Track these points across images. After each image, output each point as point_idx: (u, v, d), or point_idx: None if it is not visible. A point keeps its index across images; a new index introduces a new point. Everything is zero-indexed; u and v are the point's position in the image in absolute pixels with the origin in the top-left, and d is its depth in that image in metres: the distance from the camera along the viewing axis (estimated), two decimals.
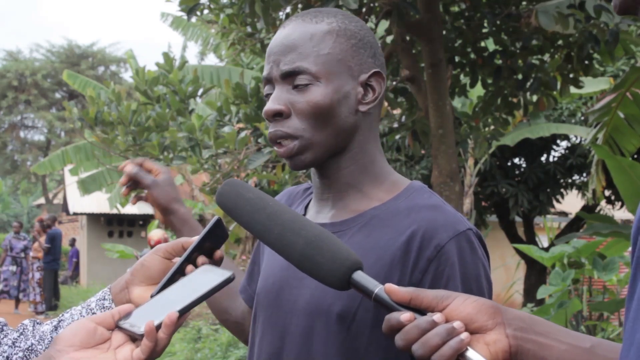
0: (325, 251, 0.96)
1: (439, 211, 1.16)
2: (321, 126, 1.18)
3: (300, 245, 0.97)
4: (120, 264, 16.18)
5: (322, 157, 1.21)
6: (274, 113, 1.18)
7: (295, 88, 1.18)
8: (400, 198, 1.20)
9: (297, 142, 1.19)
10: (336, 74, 1.18)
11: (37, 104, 31.12)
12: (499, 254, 12.94)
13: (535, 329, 0.91)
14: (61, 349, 0.92)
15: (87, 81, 12.35)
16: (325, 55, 1.18)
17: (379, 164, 1.24)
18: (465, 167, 9.47)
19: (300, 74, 1.18)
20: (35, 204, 30.20)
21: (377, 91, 1.21)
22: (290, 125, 1.19)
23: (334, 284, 0.96)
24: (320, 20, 1.21)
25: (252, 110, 5.34)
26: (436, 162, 4.60)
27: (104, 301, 1.16)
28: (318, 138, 1.19)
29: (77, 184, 13.94)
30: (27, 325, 1.15)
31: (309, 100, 1.17)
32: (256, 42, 4.74)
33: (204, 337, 7.86)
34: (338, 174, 1.22)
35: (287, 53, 1.18)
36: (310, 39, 1.19)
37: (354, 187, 1.22)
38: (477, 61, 5.11)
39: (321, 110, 1.17)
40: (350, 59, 1.20)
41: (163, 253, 1.13)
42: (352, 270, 0.95)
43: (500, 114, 5.46)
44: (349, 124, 1.20)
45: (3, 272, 13.41)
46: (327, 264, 0.95)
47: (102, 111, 6.22)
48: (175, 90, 5.96)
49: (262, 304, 1.27)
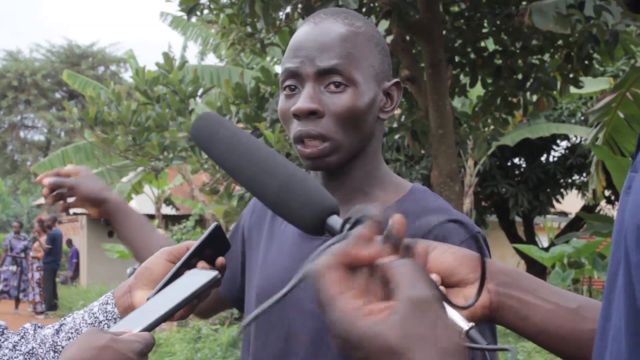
0: (298, 195, 0.90)
1: (449, 214, 1.17)
2: (351, 130, 1.17)
3: (273, 189, 0.91)
4: (120, 264, 16.18)
5: (345, 161, 1.20)
6: (309, 111, 1.15)
7: (326, 87, 1.16)
8: (407, 200, 1.21)
9: (328, 143, 1.16)
10: (368, 80, 1.18)
11: (37, 104, 31.13)
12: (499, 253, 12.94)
13: (520, 284, 0.85)
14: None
15: (87, 81, 12.36)
16: (360, 60, 1.17)
17: (383, 168, 1.25)
18: (465, 167, 9.47)
19: (337, 74, 1.15)
20: (35, 204, 30.16)
21: (396, 100, 1.22)
22: (323, 125, 1.16)
23: (308, 230, 0.90)
24: (351, 23, 1.19)
25: (252, 110, 5.35)
26: (436, 162, 4.60)
27: (106, 305, 1.15)
28: (347, 142, 1.17)
29: None
30: (28, 328, 1.15)
31: (345, 103, 1.15)
32: (256, 42, 4.74)
33: (203, 337, 7.86)
34: (347, 177, 1.22)
35: (323, 51, 1.16)
36: (345, 40, 1.17)
37: (361, 190, 1.23)
38: (477, 61, 5.11)
39: (356, 114, 1.16)
40: (378, 65, 1.20)
41: (167, 256, 1.13)
42: (326, 214, 0.89)
43: (500, 114, 5.45)
44: (370, 130, 1.21)
45: (3, 272, 13.41)
46: (299, 209, 0.89)
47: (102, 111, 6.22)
48: (175, 90, 5.97)
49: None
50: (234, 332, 7.34)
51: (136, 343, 0.93)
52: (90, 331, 0.94)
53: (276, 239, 1.29)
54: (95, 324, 1.13)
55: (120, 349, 0.91)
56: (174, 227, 16.64)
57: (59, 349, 1.11)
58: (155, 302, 1.03)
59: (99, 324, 1.13)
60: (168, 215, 18.74)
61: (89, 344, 0.91)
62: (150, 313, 1.00)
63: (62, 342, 1.11)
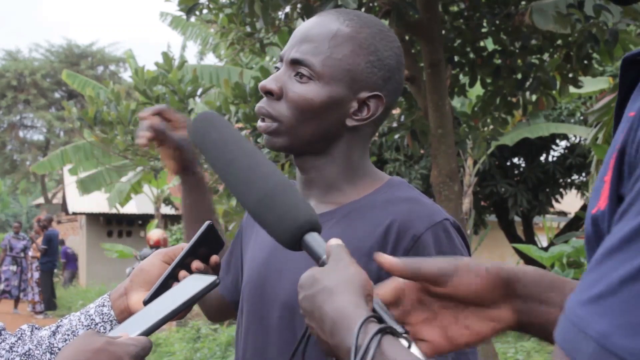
0: (276, 209, 0.91)
1: (416, 203, 1.18)
2: (303, 120, 1.20)
3: (252, 200, 0.92)
4: (119, 264, 16.17)
5: (296, 148, 1.23)
6: (266, 90, 1.21)
7: (296, 76, 1.20)
8: (379, 192, 1.22)
9: (275, 124, 1.21)
10: (338, 80, 1.19)
11: (37, 104, 31.11)
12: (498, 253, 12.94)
13: (549, 296, 0.81)
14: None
15: (87, 81, 12.35)
16: (335, 59, 1.19)
17: (363, 168, 1.26)
18: (464, 167, 9.47)
19: (305, 66, 1.19)
20: (35, 204, 30.18)
21: (372, 112, 1.22)
22: (276, 107, 1.21)
23: (285, 245, 0.92)
24: (352, 25, 1.21)
25: (251, 110, 5.34)
26: (435, 162, 4.60)
27: (103, 307, 1.16)
28: (296, 130, 1.21)
29: (77, 183, 13.94)
30: (25, 330, 1.15)
31: (302, 93, 1.19)
32: (255, 42, 4.73)
33: (203, 337, 7.86)
34: (318, 173, 1.25)
35: (304, 42, 1.20)
36: (331, 38, 1.20)
37: (334, 186, 1.24)
38: (477, 61, 5.10)
39: (309, 107, 1.19)
40: (358, 72, 1.20)
41: (163, 257, 1.13)
42: (303, 230, 0.90)
43: (500, 113, 5.45)
44: (331, 131, 1.22)
45: (4, 272, 13.41)
46: (276, 223, 0.91)
47: (102, 111, 6.22)
48: (175, 90, 5.97)
49: (247, 298, 1.28)
50: (233, 332, 7.34)
51: (132, 346, 0.92)
52: (86, 334, 0.94)
53: (261, 234, 1.29)
54: (91, 326, 1.13)
55: (116, 352, 0.91)
56: (173, 227, 16.65)
57: (55, 350, 1.11)
58: (153, 307, 1.04)
59: (95, 326, 1.13)
60: (167, 215, 18.72)
61: (84, 347, 0.91)
62: (148, 317, 1.00)
63: (59, 343, 1.11)
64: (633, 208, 0.55)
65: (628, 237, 0.54)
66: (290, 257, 1.06)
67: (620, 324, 0.52)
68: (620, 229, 0.55)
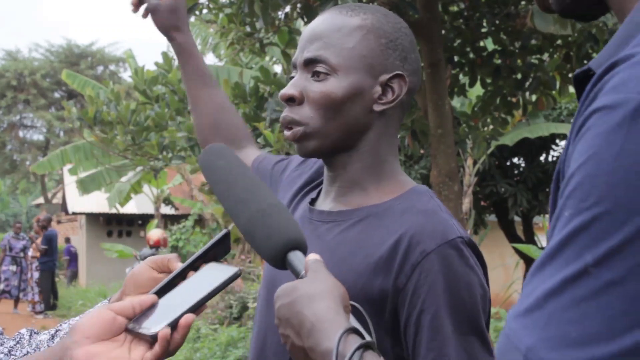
0: (264, 228, 0.94)
1: (431, 217, 1.13)
2: (330, 118, 1.18)
3: (245, 217, 0.96)
4: (119, 264, 16.17)
5: (327, 148, 1.20)
6: (287, 97, 1.19)
7: (313, 76, 1.18)
8: (400, 200, 1.18)
9: (301, 128, 1.19)
10: (356, 69, 1.17)
11: (36, 104, 31.11)
12: (498, 253, 12.94)
13: None
14: (78, 340, 0.91)
15: (86, 81, 12.35)
16: (349, 49, 1.17)
17: (389, 166, 1.22)
18: (464, 167, 9.47)
19: (320, 63, 1.18)
20: (34, 204, 30.18)
21: (397, 93, 1.19)
22: (299, 112, 1.19)
23: (270, 262, 0.95)
24: (356, 15, 1.20)
25: (251, 110, 5.34)
26: (435, 162, 4.60)
27: None
28: (325, 129, 1.18)
29: (76, 183, 13.94)
30: (23, 334, 1.15)
31: (323, 90, 1.17)
32: (255, 42, 4.73)
33: (203, 336, 7.86)
34: (344, 169, 1.21)
35: (314, 41, 1.19)
36: (339, 30, 1.18)
37: (358, 184, 1.21)
38: (476, 61, 5.11)
39: (333, 102, 1.17)
40: (374, 57, 1.18)
41: (152, 264, 1.13)
42: (286, 249, 0.93)
43: (500, 113, 5.45)
44: (361, 122, 1.19)
45: (4, 272, 13.40)
46: (262, 242, 0.94)
47: (101, 111, 6.22)
48: (174, 90, 5.96)
49: (258, 300, 1.31)
50: (233, 332, 7.34)
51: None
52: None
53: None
54: None
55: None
56: (173, 227, 16.64)
57: None
58: (175, 297, 1.02)
59: None
60: (167, 214, 18.73)
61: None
62: (174, 307, 0.98)
63: None
64: (561, 219, 0.57)
65: (553, 251, 0.56)
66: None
67: (544, 337, 0.54)
68: (550, 243, 0.57)
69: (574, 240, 0.55)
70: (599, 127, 0.56)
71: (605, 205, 0.54)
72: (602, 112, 0.56)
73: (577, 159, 0.57)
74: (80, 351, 0.90)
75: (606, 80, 0.57)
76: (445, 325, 1.05)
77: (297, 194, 1.35)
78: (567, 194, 0.57)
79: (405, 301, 1.08)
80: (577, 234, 0.55)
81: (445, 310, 1.05)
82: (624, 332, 0.52)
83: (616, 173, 0.54)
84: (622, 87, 0.55)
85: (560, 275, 0.55)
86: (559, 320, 0.54)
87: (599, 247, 0.54)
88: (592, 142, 0.56)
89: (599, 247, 0.54)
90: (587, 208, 0.55)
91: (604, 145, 0.55)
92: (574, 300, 0.54)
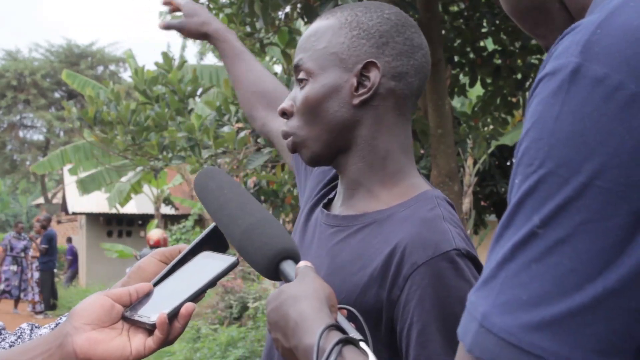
0: (255, 241, 0.94)
1: (429, 226, 1.07)
2: (312, 122, 1.17)
3: (236, 236, 0.96)
4: (119, 264, 16.18)
5: (323, 153, 1.18)
6: (281, 113, 1.21)
7: (299, 85, 1.19)
8: (405, 206, 1.12)
9: (291, 139, 1.19)
10: (327, 67, 1.15)
11: (36, 104, 31.11)
12: None
13: None
14: (78, 326, 0.91)
15: (86, 81, 12.36)
16: (320, 50, 1.16)
17: (394, 162, 1.17)
18: (464, 167, 9.47)
19: (300, 70, 1.18)
20: (35, 204, 30.17)
21: (372, 81, 1.13)
22: (289, 123, 1.20)
23: (265, 275, 0.95)
24: (332, 15, 1.18)
25: None
26: (435, 162, 4.60)
27: None
28: (311, 134, 1.17)
29: (76, 183, 13.95)
30: (24, 329, 1.15)
31: (302, 97, 1.17)
32: (255, 42, 4.73)
33: (203, 336, 7.86)
34: (346, 171, 1.18)
35: (298, 50, 1.20)
36: (314, 34, 1.18)
37: (362, 185, 1.17)
38: (477, 61, 5.11)
39: (310, 106, 1.16)
40: (344, 51, 1.14)
41: (160, 257, 1.13)
42: (278, 259, 0.93)
43: (500, 113, 5.46)
44: (345, 118, 1.15)
45: (4, 272, 13.40)
46: (254, 254, 0.94)
47: (101, 111, 6.22)
48: (175, 90, 5.96)
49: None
50: (233, 332, 7.34)
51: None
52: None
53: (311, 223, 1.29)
54: None
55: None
56: (173, 227, 16.66)
57: None
58: (172, 286, 1.01)
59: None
60: (167, 214, 18.74)
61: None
62: (173, 295, 0.98)
63: None
64: (514, 187, 0.58)
65: (507, 220, 0.57)
66: (317, 262, 1.09)
67: (497, 303, 0.55)
68: (505, 213, 0.59)
69: (523, 205, 0.56)
70: (542, 94, 0.57)
71: (548, 166, 0.55)
72: (545, 79, 0.58)
73: (525, 127, 0.58)
74: (81, 337, 0.91)
75: (552, 51, 0.59)
76: (433, 340, 1.01)
77: (321, 190, 1.34)
78: (517, 161, 0.59)
79: (398, 314, 1.05)
80: (525, 199, 0.56)
81: (435, 325, 1.02)
82: (574, 290, 0.52)
83: (556, 134, 0.55)
84: (563, 53, 0.57)
85: (511, 241, 0.55)
86: (511, 285, 0.54)
87: (544, 208, 0.54)
88: (536, 109, 0.57)
89: (544, 208, 0.54)
90: (533, 172, 0.56)
91: (545, 109, 0.56)
92: (524, 264, 0.54)
